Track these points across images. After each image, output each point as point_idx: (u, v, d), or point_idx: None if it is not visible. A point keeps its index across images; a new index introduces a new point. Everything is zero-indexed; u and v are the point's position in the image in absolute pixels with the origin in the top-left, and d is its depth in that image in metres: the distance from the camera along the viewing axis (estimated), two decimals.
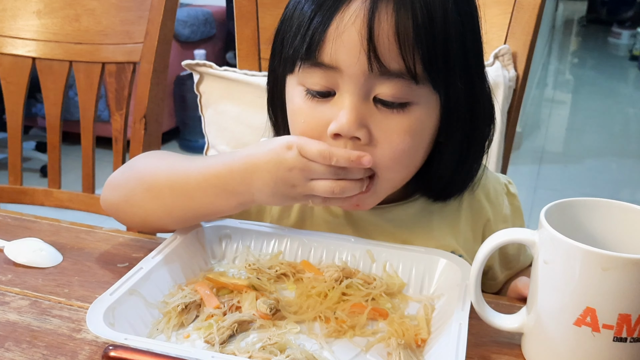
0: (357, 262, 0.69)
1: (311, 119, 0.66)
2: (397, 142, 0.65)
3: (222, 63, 2.16)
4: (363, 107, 0.64)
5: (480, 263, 0.57)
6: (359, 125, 0.64)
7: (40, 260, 0.71)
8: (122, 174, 0.75)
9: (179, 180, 0.68)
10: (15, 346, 0.57)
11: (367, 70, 0.62)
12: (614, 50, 6.99)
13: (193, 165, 0.69)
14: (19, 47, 1.24)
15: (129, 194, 0.72)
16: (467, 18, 0.66)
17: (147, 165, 0.73)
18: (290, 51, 0.66)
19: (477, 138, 0.72)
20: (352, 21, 0.61)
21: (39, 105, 3.15)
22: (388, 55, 0.61)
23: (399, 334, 0.59)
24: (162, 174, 0.70)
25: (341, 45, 0.62)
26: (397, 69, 0.62)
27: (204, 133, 1.13)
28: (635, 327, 0.51)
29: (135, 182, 0.72)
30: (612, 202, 0.58)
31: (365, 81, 0.63)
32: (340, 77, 0.63)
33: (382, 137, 0.65)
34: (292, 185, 0.64)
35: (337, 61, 0.63)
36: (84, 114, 1.24)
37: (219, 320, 0.60)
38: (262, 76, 1.06)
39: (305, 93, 0.66)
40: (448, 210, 0.77)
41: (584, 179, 3.33)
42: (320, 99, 0.66)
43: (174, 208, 0.69)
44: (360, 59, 0.62)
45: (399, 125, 0.64)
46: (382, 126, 0.64)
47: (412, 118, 0.65)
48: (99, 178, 1.27)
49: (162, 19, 1.16)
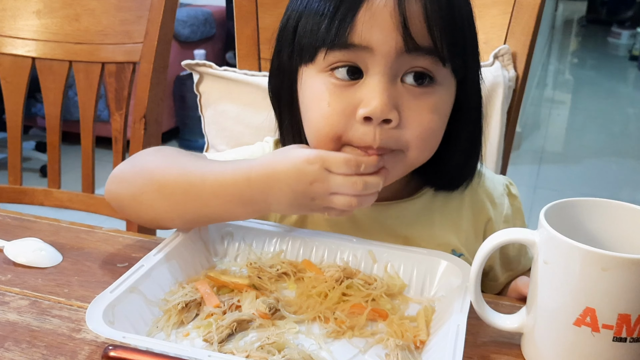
0: (358, 262, 0.69)
1: (337, 103, 0.65)
2: (427, 120, 0.66)
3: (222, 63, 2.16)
4: (393, 89, 0.65)
5: (480, 262, 0.57)
6: (391, 107, 0.64)
7: (40, 260, 0.71)
8: (130, 168, 0.73)
9: (194, 185, 0.67)
10: (15, 346, 0.57)
11: (401, 47, 0.63)
12: (613, 50, 6.99)
13: (207, 169, 0.68)
14: (19, 47, 1.24)
15: (137, 191, 0.71)
16: (470, 12, 0.69)
17: (157, 163, 0.72)
18: (310, 40, 0.66)
19: (480, 127, 0.74)
20: (383, 3, 0.63)
21: (38, 105, 3.15)
22: (418, 34, 0.63)
23: (397, 335, 0.59)
24: (174, 175, 0.69)
25: (374, 25, 0.63)
26: (428, 46, 0.64)
27: (204, 133, 1.13)
28: (634, 327, 0.51)
29: (144, 180, 0.70)
30: (612, 202, 0.58)
31: (396, 59, 0.64)
32: (371, 57, 0.64)
33: (412, 117, 0.65)
34: (311, 198, 0.64)
35: (370, 41, 0.63)
36: (84, 114, 1.24)
37: (218, 319, 0.60)
38: (262, 76, 1.06)
39: (329, 78, 0.66)
40: (450, 208, 0.77)
41: (584, 179, 3.33)
42: (346, 83, 0.65)
43: (186, 212, 0.68)
44: (393, 37, 0.63)
45: (427, 105, 0.66)
46: (411, 106, 0.65)
47: (437, 98, 0.67)
48: (99, 178, 1.27)
49: (162, 18, 1.16)
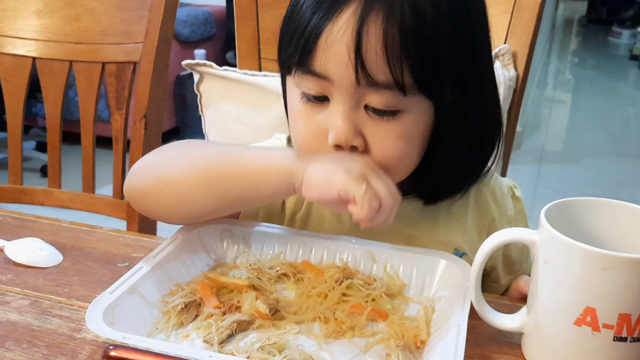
0: (357, 262, 0.69)
1: (311, 125, 0.67)
2: (390, 147, 0.66)
3: (222, 63, 2.16)
4: (355, 116, 0.65)
5: (481, 262, 0.57)
6: (354, 134, 0.65)
7: (41, 260, 0.71)
8: (156, 154, 0.72)
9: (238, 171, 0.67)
10: (16, 346, 0.57)
11: (355, 82, 0.62)
12: (614, 50, 6.99)
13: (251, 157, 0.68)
14: (19, 46, 1.24)
15: (163, 173, 0.69)
16: (462, 25, 0.64)
17: (193, 147, 0.72)
18: (286, 55, 0.67)
19: (475, 141, 0.71)
20: (341, 33, 0.61)
21: (39, 105, 3.15)
22: (375, 68, 0.62)
23: (398, 335, 0.59)
24: (215, 160, 0.69)
25: (330, 56, 0.62)
26: (385, 80, 0.62)
27: (204, 133, 1.13)
28: (635, 327, 0.51)
29: (175, 161, 0.70)
30: (612, 201, 0.58)
31: (355, 91, 0.64)
32: (332, 86, 0.64)
33: (376, 143, 0.66)
34: (348, 170, 0.62)
35: (327, 72, 0.63)
36: (84, 114, 1.24)
37: (218, 320, 0.60)
38: (262, 76, 1.06)
39: (302, 96, 0.67)
40: (455, 206, 0.77)
41: (584, 178, 3.33)
42: (317, 103, 0.67)
43: (225, 196, 0.68)
44: (348, 71, 0.62)
45: (390, 132, 0.65)
46: (374, 132, 0.65)
47: (402, 125, 0.65)
48: (99, 178, 1.27)
49: (162, 18, 1.16)
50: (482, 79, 0.69)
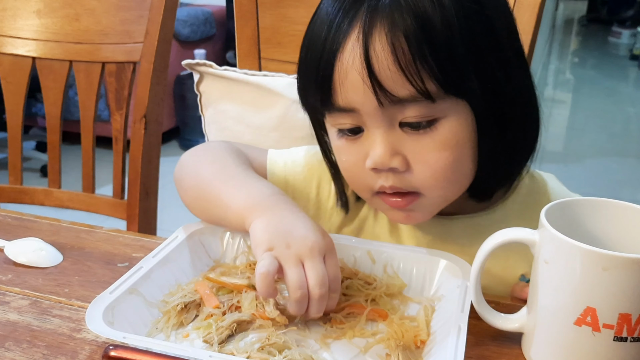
0: (357, 262, 0.69)
1: (350, 157, 0.68)
2: (434, 160, 0.64)
3: (222, 63, 2.16)
4: (392, 137, 0.64)
5: (481, 263, 0.57)
6: (392, 155, 0.64)
7: (41, 260, 0.72)
8: (192, 153, 0.78)
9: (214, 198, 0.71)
10: (16, 346, 0.57)
11: (377, 105, 0.62)
12: (614, 50, 6.99)
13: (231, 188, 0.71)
14: (19, 46, 1.24)
15: (180, 176, 0.77)
16: (471, 13, 0.61)
17: (215, 157, 0.76)
18: (312, 101, 0.68)
19: (517, 129, 0.68)
20: (350, 62, 0.61)
21: (39, 105, 3.15)
22: (394, 85, 0.61)
23: (398, 335, 0.58)
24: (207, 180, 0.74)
25: (348, 88, 0.63)
26: (408, 94, 0.61)
27: (204, 133, 1.13)
28: (635, 327, 0.51)
29: (192, 168, 0.76)
30: (612, 201, 0.58)
31: (382, 113, 0.63)
32: (360, 116, 0.64)
33: (418, 160, 0.65)
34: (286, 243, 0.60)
35: (350, 103, 0.64)
36: (84, 114, 1.24)
37: (218, 320, 0.60)
38: (262, 76, 1.06)
39: (338, 133, 0.68)
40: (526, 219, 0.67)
41: (584, 179, 3.33)
42: (354, 136, 0.67)
43: (206, 215, 0.74)
44: (368, 96, 0.62)
45: (431, 144, 0.64)
46: (415, 149, 0.64)
47: (443, 133, 0.64)
48: (99, 178, 1.27)
49: (162, 18, 1.16)
50: (510, 64, 0.66)
